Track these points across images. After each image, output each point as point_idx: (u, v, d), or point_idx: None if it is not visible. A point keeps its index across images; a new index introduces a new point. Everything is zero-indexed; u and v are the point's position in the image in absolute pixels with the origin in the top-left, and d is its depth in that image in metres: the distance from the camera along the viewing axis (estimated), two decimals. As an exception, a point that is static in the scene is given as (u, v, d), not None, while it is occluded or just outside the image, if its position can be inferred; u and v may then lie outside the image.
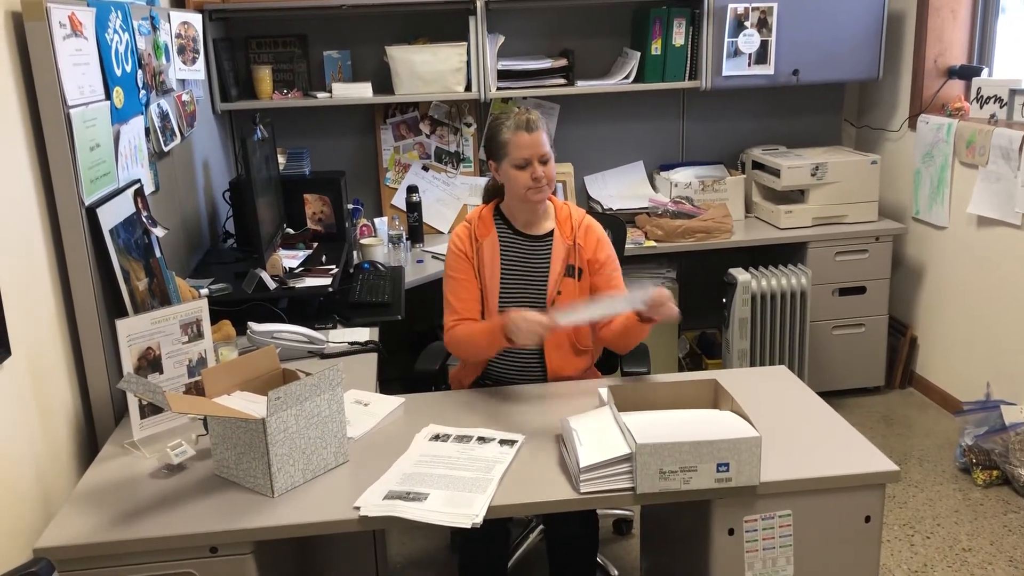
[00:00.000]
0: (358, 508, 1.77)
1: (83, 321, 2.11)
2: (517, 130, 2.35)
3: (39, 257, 2.01)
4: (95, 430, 2.18)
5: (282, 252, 3.09)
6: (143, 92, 2.54)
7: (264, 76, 3.77)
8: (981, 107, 3.58)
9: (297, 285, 2.83)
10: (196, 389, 1.99)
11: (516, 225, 2.48)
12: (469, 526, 1.72)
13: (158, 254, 2.46)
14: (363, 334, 2.66)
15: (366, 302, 2.92)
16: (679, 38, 3.85)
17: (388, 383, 2.51)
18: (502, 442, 2.01)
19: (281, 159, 3.59)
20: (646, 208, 3.92)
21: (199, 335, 2.20)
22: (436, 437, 2.07)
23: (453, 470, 1.90)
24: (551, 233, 2.46)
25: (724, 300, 3.78)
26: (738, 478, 1.79)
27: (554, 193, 2.51)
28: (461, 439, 2.04)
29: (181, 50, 2.96)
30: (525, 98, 3.98)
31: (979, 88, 3.61)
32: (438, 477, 1.87)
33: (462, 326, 2.40)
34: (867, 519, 1.88)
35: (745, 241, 3.84)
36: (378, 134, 4.04)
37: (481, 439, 2.04)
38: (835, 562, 1.90)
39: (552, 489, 1.84)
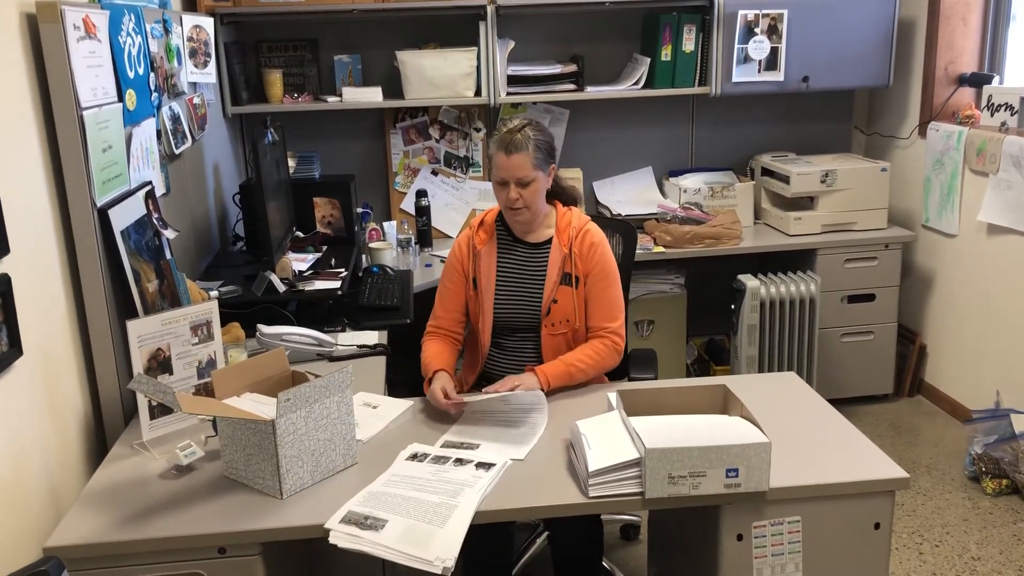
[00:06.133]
0: (328, 529, 1.72)
1: (94, 322, 2.12)
2: (498, 150, 2.32)
3: (51, 258, 2.01)
4: (105, 430, 2.19)
5: (291, 255, 3.09)
6: (155, 95, 2.55)
7: (275, 80, 3.79)
8: (992, 115, 3.57)
9: (306, 288, 2.84)
10: (206, 390, 2.00)
11: (515, 232, 2.48)
12: (440, 572, 1.62)
13: (168, 256, 2.47)
14: (372, 337, 2.67)
15: (375, 305, 2.93)
16: (689, 44, 3.85)
17: (396, 386, 2.51)
18: (479, 465, 1.93)
19: (291, 162, 3.60)
20: (655, 214, 3.92)
21: (209, 337, 2.21)
22: (414, 456, 1.99)
23: (419, 492, 1.83)
24: (549, 241, 2.44)
25: (732, 306, 3.78)
26: (747, 484, 1.78)
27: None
28: (439, 459, 1.97)
29: (193, 53, 2.98)
30: (535, 103, 3.98)
31: (990, 96, 3.60)
32: (402, 500, 1.80)
33: (431, 344, 2.45)
34: (876, 526, 1.88)
35: (754, 247, 3.84)
36: (388, 138, 4.05)
37: (459, 460, 1.96)
38: (844, 569, 1.89)
39: (561, 493, 1.84)
